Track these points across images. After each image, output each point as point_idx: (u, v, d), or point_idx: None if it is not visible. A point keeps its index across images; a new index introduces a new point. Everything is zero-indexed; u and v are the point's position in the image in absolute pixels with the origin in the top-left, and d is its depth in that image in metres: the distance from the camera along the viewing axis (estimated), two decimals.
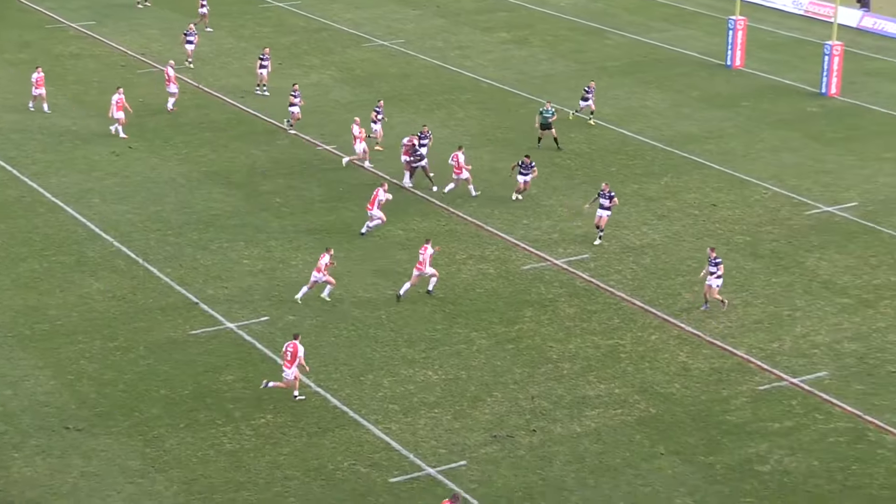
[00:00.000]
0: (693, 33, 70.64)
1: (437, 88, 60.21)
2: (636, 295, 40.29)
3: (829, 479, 31.16)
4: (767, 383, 35.29)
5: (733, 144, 53.49)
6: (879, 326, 38.37)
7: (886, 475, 31.30)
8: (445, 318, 38.82)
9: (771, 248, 43.56)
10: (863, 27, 72.51)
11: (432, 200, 47.42)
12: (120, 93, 53.42)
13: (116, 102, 53.05)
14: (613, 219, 45.26)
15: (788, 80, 62.45)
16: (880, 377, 35.61)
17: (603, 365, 36.25)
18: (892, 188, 48.77)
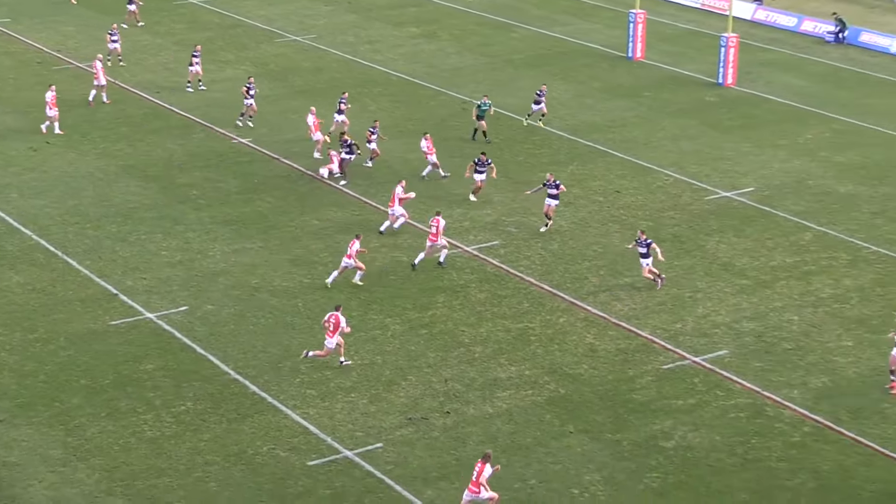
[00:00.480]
0: (595, 27, 70.99)
1: (350, 82, 59.96)
2: (545, 279, 40.42)
3: (729, 453, 31.49)
4: (671, 362, 35.58)
5: (635, 133, 53.85)
6: (776, 306, 38.83)
7: (783, 448, 31.69)
8: (360, 304, 38.69)
9: (673, 233, 43.90)
10: (756, 20, 73.31)
11: (347, 191, 47.24)
12: (52, 90, 52.60)
13: (51, 100, 52.23)
14: (521, 206, 45.41)
15: (687, 70, 62.97)
16: (777, 354, 36.04)
17: (513, 348, 36.33)
18: (786, 174, 49.37)
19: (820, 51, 67.32)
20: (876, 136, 53.82)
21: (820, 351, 36.19)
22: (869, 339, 36.81)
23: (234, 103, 56.48)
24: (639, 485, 30.22)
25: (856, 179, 48.89)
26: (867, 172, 49.63)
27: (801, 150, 51.97)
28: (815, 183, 48.48)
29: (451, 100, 57.59)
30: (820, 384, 34.51)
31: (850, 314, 38.34)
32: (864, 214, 45.63)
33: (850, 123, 55.23)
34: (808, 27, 71.03)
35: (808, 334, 37.13)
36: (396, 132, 53.34)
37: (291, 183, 48.08)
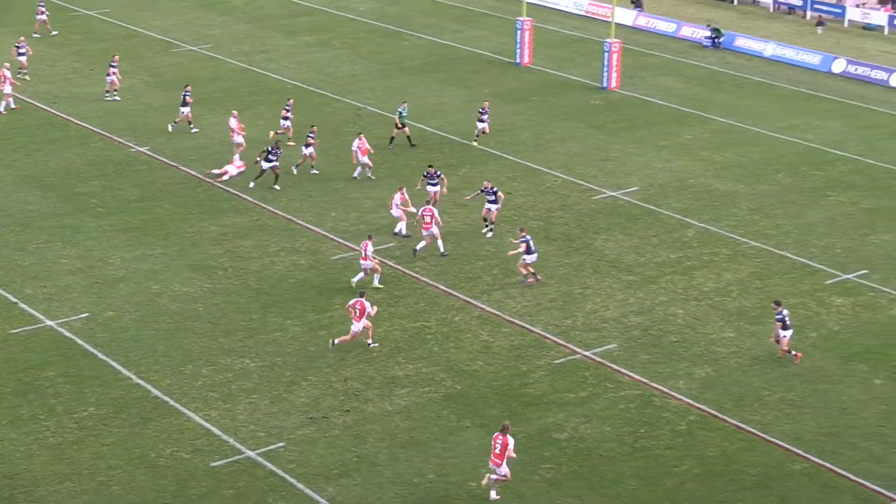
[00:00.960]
0: (483, 34, 71.24)
1: (245, 90, 59.52)
2: (440, 279, 40.45)
3: (620, 443, 31.77)
4: (563, 357, 35.80)
5: (524, 136, 54.12)
6: (661, 300, 39.26)
7: (671, 436, 32.04)
8: (261, 308, 38.40)
9: (562, 232, 44.18)
10: (637, 25, 74.10)
11: (245, 197, 46.85)
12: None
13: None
14: (416, 209, 45.39)
15: (573, 75, 63.44)
16: (663, 347, 36.44)
17: (410, 346, 36.30)
18: (669, 173, 49.95)
19: (698, 55, 68.23)
20: (752, 135, 54.68)
21: (703, 342, 36.66)
22: (749, 329, 37.37)
23: (131, 112, 55.79)
24: (534, 476, 30.37)
25: (734, 178, 49.62)
26: (745, 171, 50.40)
27: (682, 151, 52.62)
28: (696, 182, 49.12)
29: (345, 107, 57.41)
30: (704, 374, 34.96)
31: (731, 306, 38.89)
32: (743, 211, 46.33)
33: (727, 124, 56.06)
34: (687, 32, 71.97)
35: (692, 327, 37.59)
36: (293, 138, 53.00)
37: (190, 190, 47.58)
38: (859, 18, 74.49)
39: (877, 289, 40.06)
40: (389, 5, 77.65)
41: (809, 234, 44.20)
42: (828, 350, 36.24)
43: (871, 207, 46.77)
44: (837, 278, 40.82)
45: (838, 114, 58.31)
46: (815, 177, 49.88)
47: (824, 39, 71.13)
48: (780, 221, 45.37)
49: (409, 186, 45.15)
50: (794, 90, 62.08)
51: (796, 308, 38.55)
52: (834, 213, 46.24)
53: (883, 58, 67.58)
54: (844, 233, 44.36)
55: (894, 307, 38.82)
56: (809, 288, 40.11)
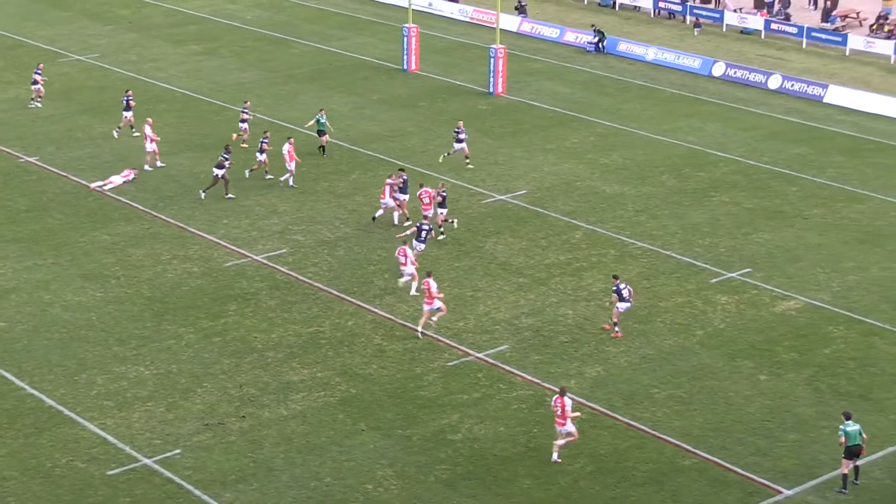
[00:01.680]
0: (370, 41, 71.33)
1: (135, 99, 58.85)
2: (333, 285, 40.46)
3: (513, 443, 32.06)
4: (456, 359, 36.02)
5: (413, 142, 54.31)
6: (552, 301, 39.68)
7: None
8: (154, 315, 38.08)
9: (452, 236, 44.40)
10: (522, 31, 74.72)
11: (136, 205, 46.40)
12: None
13: None
14: (307, 215, 45.41)
15: (459, 81, 63.81)
16: (554, 347, 36.82)
17: (305, 351, 36.28)
18: (555, 176, 50.47)
19: (582, 59, 69.03)
20: (636, 138, 55.46)
21: (593, 342, 37.12)
22: (637, 328, 37.93)
23: (19, 122, 54.90)
24: (429, 477, 30.54)
25: (620, 180, 50.31)
26: (630, 173, 51.13)
27: (568, 154, 53.20)
28: (582, 184, 49.71)
29: (235, 115, 57.07)
30: (595, 374, 35.41)
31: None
32: (629, 212, 47.01)
33: (612, 127, 56.82)
34: (570, 38, 72.76)
35: (582, 327, 38.05)
36: (183, 146, 52.65)
37: (80, 199, 47.00)
38: (737, 23, 75.94)
39: (760, 286, 40.94)
40: (275, 13, 77.39)
41: (694, 234, 45.01)
42: (714, 347, 36.95)
43: (753, 207, 47.77)
44: (722, 277, 41.62)
45: (719, 116, 59.44)
46: (699, 178, 50.80)
47: (704, 43, 72.39)
48: (665, 222, 46.13)
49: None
50: (676, 93, 63.14)
51: (682, 307, 39.24)
52: (717, 213, 47.15)
53: (760, 61, 69.03)
54: (728, 232, 45.24)
55: (777, 304, 39.70)
56: (695, 287, 40.85)
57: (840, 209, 47.54)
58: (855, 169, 52.26)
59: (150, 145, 49.57)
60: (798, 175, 51.27)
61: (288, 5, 79.94)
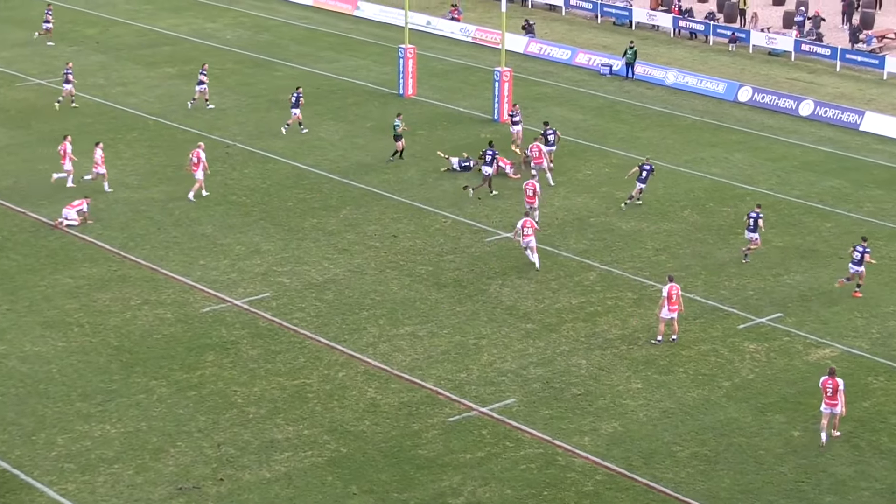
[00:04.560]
0: (363, 63, 71.44)
1: (101, 127, 58.87)
2: (321, 332, 40.28)
3: None
4: (457, 414, 35.80)
5: (410, 174, 54.24)
6: (563, 350, 39.50)
7: (577, 498, 32.15)
8: (122, 367, 37.86)
9: (454, 277, 44.30)
10: (530, 53, 74.91)
11: (102, 245, 46.26)
12: None
13: None
14: (293, 255, 45.29)
15: (461, 107, 63.84)
16: (566, 401, 36.61)
17: (290, 406, 36.03)
18: (567, 211, 50.37)
19: (595, 84, 69.11)
20: (655, 170, 55.32)
21: (609, 395, 36.92)
22: (658, 379, 37.73)
23: None
24: None
25: (638, 216, 50.19)
26: (649, 208, 51.01)
27: (580, 187, 53.13)
28: (596, 220, 49.61)
29: (213, 144, 57.03)
30: (611, 429, 35.19)
31: (638, 355, 39.25)
32: (648, 251, 46.89)
33: (628, 158, 56.72)
34: (583, 60, 72.90)
35: (597, 378, 37.86)
36: (155, 179, 52.59)
37: (40, 238, 46.87)
38: (764, 44, 76.10)
39: (792, 333, 40.75)
40: (259, 33, 77.59)
41: (719, 276, 44.85)
42: (742, 400, 36.73)
43: (784, 245, 47.64)
44: (750, 322, 41.45)
45: (746, 145, 59.42)
46: (724, 213, 50.71)
47: (728, 66, 72.53)
48: (687, 262, 45.99)
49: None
50: (699, 120, 63.16)
51: (707, 356, 39.04)
52: None
53: (790, 85, 69.12)
54: (756, 273, 45.09)
55: (811, 352, 39.50)
56: (721, 333, 40.66)
57: (879, 247, 47.39)
58: (895, 203, 52.16)
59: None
60: (832, 210, 51.18)
61: (272, 24, 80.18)
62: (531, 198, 47.65)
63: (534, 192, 47.68)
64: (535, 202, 47.70)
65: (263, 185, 52.33)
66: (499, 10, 63.42)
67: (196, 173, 49.97)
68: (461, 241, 47.38)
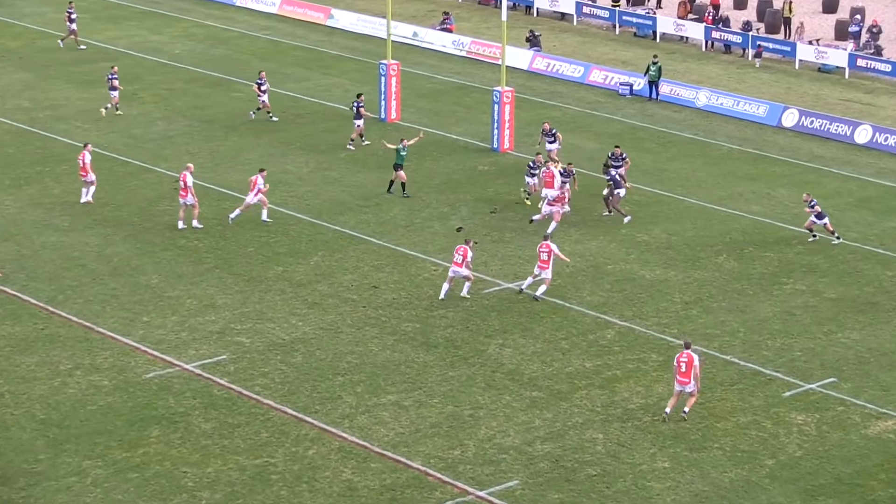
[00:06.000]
0: (338, 81, 71.77)
1: (26, 159, 59.05)
2: (287, 402, 40.31)
3: None
4: (450, 499, 35.80)
5: (394, 213, 54.41)
6: (575, 422, 39.54)
7: None
8: (49, 445, 37.86)
9: (445, 336, 44.38)
10: (535, 69, 75.30)
11: (27, 298, 46.36)
12: None
13: None
14: (254, 310, 45.37)
15: (454, 134, 64.10)
16: (579, 482, 36.62)
17: (251, 491, 36.03)
18: (580, 258, 50.41)
19: (612, 106, 69.46)
20: (685, 208, 55.62)
21: (631, 476, 36.95)
22: (688, 457, 37.78)
23: None
24: None
25: (664, 262, 50.35)
26: (676, 253, 51.22)
27: (596, 229, 53.28)
28: (615, 268, 49.76)
29: (159, 178, 57.23)
30: None
31: (665, 428, 39.30)
32: (676, 305, 47.02)
33: (652, 194, 56.97)
34: (598, 78, 73.30)
35: (616, 455, 37.90)
36: (90, 220, 52.71)
37: None
38: (813, 58, 76.54)
39: (847, 401, 40.83)
40: (213, 46, 78.01)
41: (761, 333, 44.98)
42: (789, 482, 36.76)
43: (837, 297, 47.81)
44: (798, 389, 41.54)
45: (792, 179, 59.67)
46: (766, 259, 50.90)
47: (771, 85, 72.98)
48: (723, 317, 46.13)
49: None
50: (736, 149, 63.44)
51: (747, 429, 39.11)
52: (791, 305, 47.16)
53: (844, 107, 69.51)
54: (805, 330, 45.21)
55: (870, 425, 39.57)
56: (763, 402, 40.74)
57: None
58: None
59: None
60: (895, 255, 51.48)
61: (230, 36, 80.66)
62: (544, 263, 46.87)
63: (549, 256, 46.76)
64: (547, 267, 47.02)
65: (219, 227, 52.44)
66: (498, 18, 63.83)
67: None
68: (453, 291, 47.48)
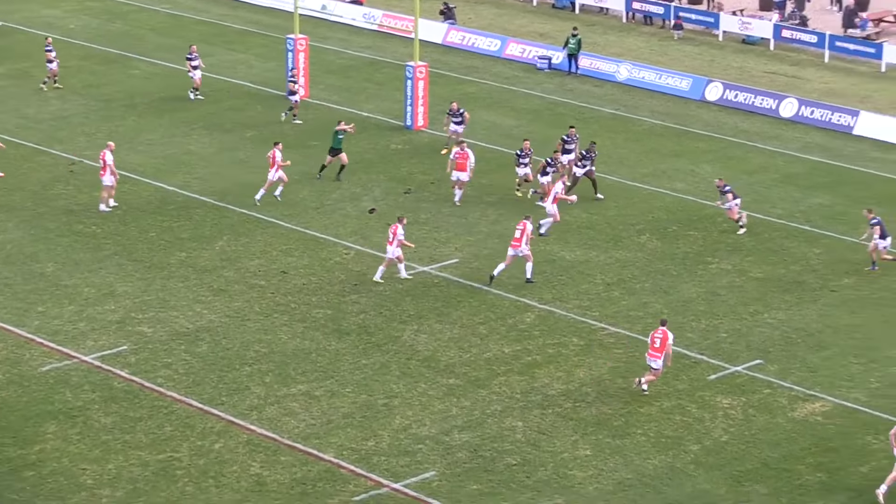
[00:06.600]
0: (243, 57, 71.49)
1: None
2: (192, 393, 40.17)
3: None
4: (364, 492, 35.79)
5: (303, 195, 54.27)
6: (494, 410, 39.61)
7: None
8: None
9: (358, 322, 44.34)
10: (450, 43, 75.29)
11: None
12: None
13: None
14: (157, 297, 45.15)
15: (365, 111, 64.00)
16: (498, 472, 36.68)
17: (154, 487, 35.87)
18: (498, 239, 50.54)
19: (531, 81, 69.55)
20: (605, 186, 55.75)
21: (552, 464, 37.07)
22: (611, 444, 37.94)
23: None
24: None
25: (584, 242, 50.50)
26: (597, 233, 51.39)
27: (515, 209, 53.28)
28: (534, 249, 49.70)
29: (54, 160, 56.84)
30: None
31: (587, 415, 39.47)
32: (598, 286, 47.19)
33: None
34: (515, 51, 73.41)
35: (537, 444, 38.01)
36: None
37: None
38: (737, 29, 76.99)
39: (774, 384, 41.16)
40: (110, 21, 77.52)
41: (685, 315, 45.25)
42: (715, 467, 37.01)
43: (763, 276, 48.15)
44: (724, 372, 41.82)
45: (716, 154, 60.03)
46: (690, 238, 51.17)
47: (694, 57, 73.34)
48: (646, 299, 46.37)
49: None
50: (659, 125, 63.74)
51: (671, 413, 39.35)
52: (716, 285, 47.46)
53: (769, 80, 69.96)
54: (731, 311, 45.51)
55: (798, 407, 39.90)
56: (688, 386, 40.99)
57: (878, 278, 48.07)
58: None
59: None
60: (823, 233, 51.83)
61: (128, 10, 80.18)
62: (517, 241, 46.93)
63: (521, 234, 46.78)
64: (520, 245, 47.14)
65: (118, 212, 52.13)
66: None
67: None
68: (367, 276, 47.45)
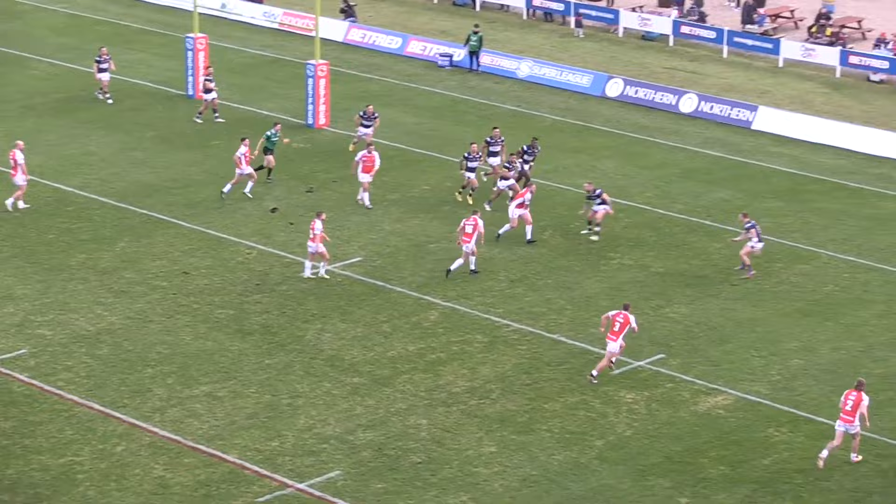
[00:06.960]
0: (142, 57, 71.06)
1: None
2: (93, 396, 39.86)
3: None
4: (269, 492, 35.68)
5: (204, 195, 53.99)
6: (399, 408, 39.59)
7: None
8: None
9: (261, 322, 44.19)
10: (351, 41, 75.22)
11: None
12: None
13: None
14: (55, 300, 44.80)
15: (266, 110, 63.78)
16: (404, 470, 36.68)
17: (55, 492, 35.56)
18: (401, 237, 50.56)
19: (432, 78, 69.59)
20: None
21: (457, 462, 37.09)
22: (516, 441, 38.01)
23: None
24: None
25: (487, 239, 50.56)
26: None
27: (417, 206, 53.37)
28: (437, 246, 49.82)
29: None
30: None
31: (491, 412, 39.52)
32: (501, 283, 47.28)
33: None
34: (416, 49, 73.44)
35: (441, 441, 38.03)
36: None
37: None
38: (636, 26, 77.36)
39: (676, 378, 41.39)
40: (6, 21, 76.77)
41: (588, 310, 45.41)
42: (618, 462, 37.17)
43: (665, 271, 48.42)
44: (626, 367, 42.01)
45: (617, 150, 60.31)
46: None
47: (594, 54, 73.64)
48: (549, 295, 46.50)
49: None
50: (559, 121, 63.94)
51: (575, 409, 39.48)
52: (618, 280, 47.68)
53: (668, 76, 70.35)
54: (633, 306, 45.62)
55: (700, 401, 40.15)
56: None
57: (778, 271, 48.50)
58: (796, 217, 53.43)
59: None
60: (722, 227, 52.17)
61: (24, 10, 79.51)
62: (468, 236, 47.14)
63: (473, 229, 47.12)
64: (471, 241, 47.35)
65: (15, 214, 51.66)
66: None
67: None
68: (270, 276, 47.30)
